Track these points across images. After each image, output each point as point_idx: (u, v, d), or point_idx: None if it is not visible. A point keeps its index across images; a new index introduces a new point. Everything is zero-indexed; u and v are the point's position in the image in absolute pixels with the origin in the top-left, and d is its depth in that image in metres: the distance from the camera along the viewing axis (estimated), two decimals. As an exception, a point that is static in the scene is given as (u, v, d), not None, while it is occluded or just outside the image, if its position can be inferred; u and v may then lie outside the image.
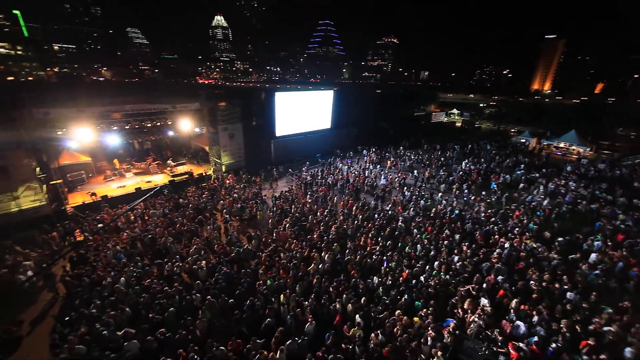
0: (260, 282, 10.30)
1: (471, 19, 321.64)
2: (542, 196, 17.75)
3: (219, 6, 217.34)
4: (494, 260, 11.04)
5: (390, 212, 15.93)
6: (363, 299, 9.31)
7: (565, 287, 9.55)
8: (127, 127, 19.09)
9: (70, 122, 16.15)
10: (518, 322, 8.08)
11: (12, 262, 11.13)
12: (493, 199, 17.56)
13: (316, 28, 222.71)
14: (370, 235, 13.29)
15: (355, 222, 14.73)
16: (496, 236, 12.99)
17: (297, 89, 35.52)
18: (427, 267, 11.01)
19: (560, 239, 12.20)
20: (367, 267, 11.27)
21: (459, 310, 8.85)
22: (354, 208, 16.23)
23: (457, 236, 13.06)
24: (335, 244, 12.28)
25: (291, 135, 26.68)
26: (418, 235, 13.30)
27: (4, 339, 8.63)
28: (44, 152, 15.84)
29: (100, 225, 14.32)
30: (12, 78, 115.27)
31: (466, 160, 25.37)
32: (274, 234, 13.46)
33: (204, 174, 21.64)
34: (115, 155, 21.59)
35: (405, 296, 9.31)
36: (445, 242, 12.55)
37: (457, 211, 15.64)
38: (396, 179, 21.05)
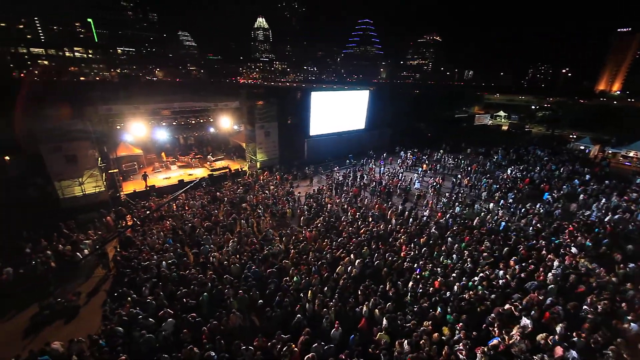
0: (288, 278, 10.52)
1: (524, 14, 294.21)
2: (603, 211, 15.66)
3: (262, 8, 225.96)
4: (540, 278, 10.01)
5: (425, 218, 15.25)
6: (390, 304, 9.06)
7: (629, 317, 8.30)
8: (174, 123, 20.67)
9: (127, 118, 17.93)
10: (573, 352, 7.13)
11: (73, 240, 12.67)
12: (542, 211, 15.90)
13: (354, 27, 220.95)
14: (402, 239, 12.87)
15: (389, 226, 14.39)
16: (544, 252, 11.76)
17: (332, 89, 35.64)
18: (464, 279, 10.32)
19: (631, 265, 10.59)
20: (397, 271, 10.94)
21: (495, 329, 8.16)
22: (389, 212, 15.73)
23: (502, 249, 12.08)
24: (365, 247, 12.07)
25: (325, 135, 26.79)
26: (456, 245, 12.53)
27: (65, 307, 9.87)
28: (105, 144, 17.85)
29: (147, 212, 15.72)
30: (83, 78, 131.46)
31: (512, 167, 23.32)
32: (304, 232, 13.65)
33: (239, 170, 22.66)
34: (162, 148, 23.49)
35: (439, 309, 8.83)
36: (484, 254, 11.66)
37: (503, 223, 14.38)
38: (432, 184, 20.05)
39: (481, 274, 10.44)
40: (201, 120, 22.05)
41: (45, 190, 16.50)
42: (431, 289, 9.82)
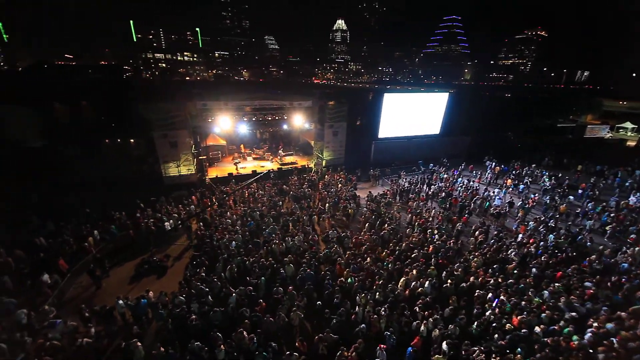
0: (342, 278, 10.51)
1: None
2: None
3: (342, 11, 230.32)
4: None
5: (511, 241, 13.25)
6: (452, 326, 8.18)
7: None
8: (253, 119, 22.81)
9: (217, 113, 20.56)
10: None
11: (162, 213, 15.11)
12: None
13: (439, 25, 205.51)
14: (474, 262, 11.43)
15: (457, 242, 12.99)
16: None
17: (407, 90, 33.92)
18: (561, 323, 8.48)
19: None
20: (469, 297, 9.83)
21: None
22: (477, 233, 13.89)
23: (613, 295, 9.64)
24: (432, 267, 11.04)
25: (394, 138, 25.73)
26: (546, 281, 10.45)
27: (158, 265, 11.95)
28: (198, 134, 20.88)
29: (224, 196, 17.78)
30: (188, 78, 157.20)
31: (639, 195, 18.24)
32: (363, 236, 13.42)
33: (306, 166, 23.63)
34: (242, 141, 26.18)
35: (519, 351, 7.53)
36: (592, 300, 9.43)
37: (625, 265, 11.38)
38: (518, 203, 17.20)
39: (594, 325, 8.35)
40: (277, 117, 23.75)
41: (154, 168, 20.24)
42: (508, 325, 8.40)
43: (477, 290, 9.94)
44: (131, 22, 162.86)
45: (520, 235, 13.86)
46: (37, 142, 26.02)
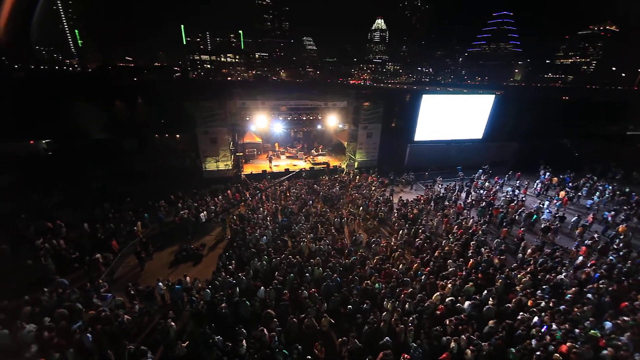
0: (369, 282, 10.30)
1: None
2: None
3: (381, 9, 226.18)
4: None
5: (565, 262, 11.97)
6: (486, 345, 7.59)
7: None
8: (288, 118, 23.31)
9: (254, 112, 21.36)
10: None
11: (197, 205, 16.00)
12: None
13: (487, 22, 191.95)
14: (523, 281, 10.47)
15: (496, 258, 12.00)
16: None
17: (448, 92, 32.21)
18: None
19: None
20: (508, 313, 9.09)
21: None
22: (529, 251, 12.54)
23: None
24: (470, 283, 10.25)
25: (431, 142, 24.57)
26: (611, 312, 9.12)
27: (195, 253, 12.76)
28: (236, 131, 21.88)
29: (258, 192, 18.42)
30: (230, 78, 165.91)
31: None
32: (393, 242, 13.04)
33: (337, 167, 23.56)
34: (276, 139, 26.91)
35: None
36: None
37: None
38: (572, 218, 15.35)
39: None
40: (311, 117, 24.01)
41: (195, 162, 21.66)
42: (556, 354, 7.55)
43: (521, 313, 9.06)
44: (182, 26, 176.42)
45: (581, 257, 12.33)
46: (101, 134, 29.37)
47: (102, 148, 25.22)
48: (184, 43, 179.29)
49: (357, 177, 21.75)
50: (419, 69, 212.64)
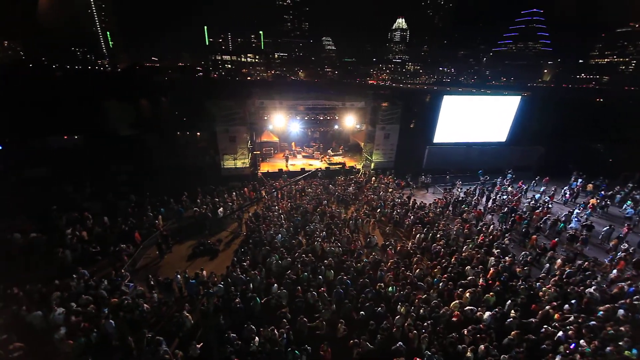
0: (382, 284, 10.17)
1: None
2: None
3: (403, 9, 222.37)
4: None
5: (593, 273, 11.25)
6: (506, 357, 7.28)
7: None
8: (305, 118, 23.42)
9: (272, 111, 21.62)
10: None
11: (217, 201, 16.38)
12: None
13: (514, 21, 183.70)
14: (548, 293, 9.93)
15: (518, 268, 11.45)
16: None
17: (471, 93, 31.14)
18: None
19: None
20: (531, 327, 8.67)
21: None
22: (558, 261, 11.81)
23: None
24: (491, 293, 9.80)
25: (450, 144, 23.85)
26: None
27: (211, 248, 13.10)
28: (254, 130, 22.25)
29: (273, 190, 18.65)
30: (249, 78, 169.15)
31: None
32: (409, 246, 12.79)
33: (353, 168, 23.40)
34: (293, 139, 27.11)
35: None
36: None
37: None
38: (603, 229, 14.36)
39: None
40: (328, 117, 24.00)
41: (214, 160, 22.23)
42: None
43: (545, 327, 8.60)
44: (205, 27, 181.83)
45: (615, 271, 11.50)
46: (128, 131, 30.87)
47: (127, 144, 26.51)
48: (207, 44, 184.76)
49: (374, 178, 21.49)
50: (440, 69, 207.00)
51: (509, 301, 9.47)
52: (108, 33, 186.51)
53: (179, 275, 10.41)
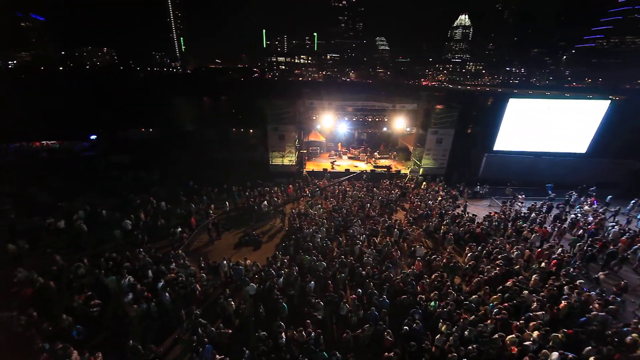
0: (423, 296, 9.59)
1: None
2: None
3: (467, 5, 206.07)
4: None
5: None
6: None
7: None
8: (354, 119, 23.24)
9: (321, 111, 21.92)
10: None
11: (263, 196, 17.17)
12: None
13: (607, 12, 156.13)
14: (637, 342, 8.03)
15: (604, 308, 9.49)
16: None
17: (544, 96, 27.51)
18: None
19: None
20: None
21: None
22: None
23: None
24: (560, 334, 8.10)
25: (514, 152, 21.30)
26: None
27: (255, 239, 13.83)
28: (302, 129, 22.85)
29: (317, 189, 18.91)
30: (301, 78, 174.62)
31: None
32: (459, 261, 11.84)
33: (399, 172, 22.48)
34: (340, 139, 27.12)
35: None
36: None
37: None
38: None
39: None
40: (377, 119, 23.46)
41: (264, 156, 23.44)
42: None
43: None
44: (264, 31, 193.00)
45: None
46: (191, 127, 34.40)
47: (190, 137, 29.61)
48: (264, 46, 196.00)
49: (423, 184, 20.35)
50: (507, 69, 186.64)
51: (589, 348, 7.78)
52: (182, 39, 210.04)
53: (225, 261, 11.21)
